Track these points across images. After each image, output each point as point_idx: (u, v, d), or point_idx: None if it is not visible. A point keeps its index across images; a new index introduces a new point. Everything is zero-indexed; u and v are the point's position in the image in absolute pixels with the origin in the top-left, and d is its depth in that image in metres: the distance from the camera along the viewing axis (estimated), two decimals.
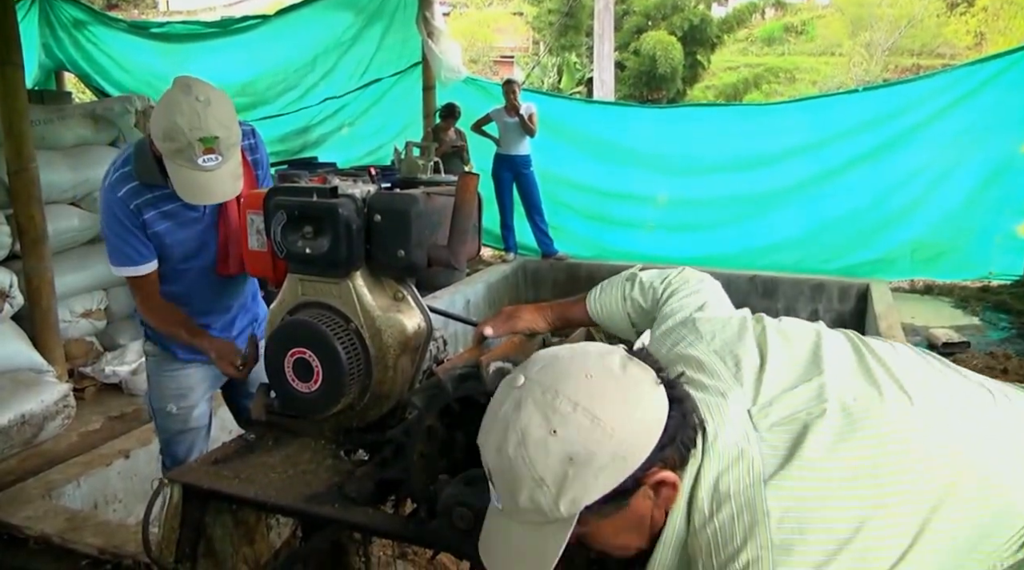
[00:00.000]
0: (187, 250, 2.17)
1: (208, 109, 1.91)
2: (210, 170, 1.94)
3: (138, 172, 2.07)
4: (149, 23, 9.31)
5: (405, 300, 1.67)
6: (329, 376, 1.55)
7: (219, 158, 1.94)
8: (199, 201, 2.01)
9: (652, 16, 17.87)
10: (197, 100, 1.91)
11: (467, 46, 17.65)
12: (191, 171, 1.93)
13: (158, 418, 2.40)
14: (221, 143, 1.93)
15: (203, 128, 1.90)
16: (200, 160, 1.92)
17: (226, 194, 2.01)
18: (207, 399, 2.42)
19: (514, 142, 6.91)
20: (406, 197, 1.56)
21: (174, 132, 1.90)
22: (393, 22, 7.21)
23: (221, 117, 1.94)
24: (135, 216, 2.08)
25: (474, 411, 1.45)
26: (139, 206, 2.08)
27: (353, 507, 1.46)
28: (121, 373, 4.12)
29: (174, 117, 1.90)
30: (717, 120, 7.27)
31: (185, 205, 2.10)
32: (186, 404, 2.36)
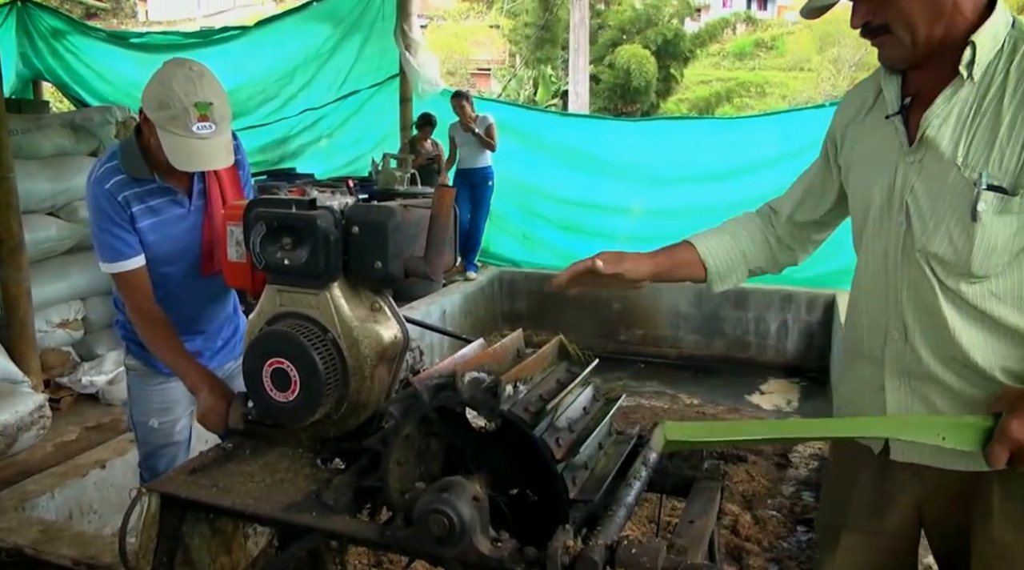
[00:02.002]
0: (171, 249, 2.15)
1: (202, 79, 1.98)
2: (204, 138, 1.96)
3: (125, 165, 2.07)
4: (128, 33, 9.26)
5: (382, 311, 1.70)
6: (307, 386, 1.58)
7: (213, 127, 1.97)
8: (192, 168, 2.01)
9: (627, 30, 18.07)
10: (191, 70, 1.98)
11: (444, 58, 17.69)
12: (185, 138, 1.95)
13: (139, 432, 2.39)
14: (215, 111, 1.97)
15: (198, 94, 1.95)
16: (195, 127, 1.95)
17: (220, 162, 2.03)
18: (189, 413, 2.40)
19: (471, 156, 6.85)
20: (384, 209, 1.59)
21: (169, 99, 1.94)
22: (371, 34, 7.23)
23: (215, 88, 2.00)
24: (123, 208, 2.06)
25: (451, 421, 1.49)
26: (127, 198, 2.07)
27: (330, 515, 1.47)
28: (98, 383, 4.10)
29: (169, 84, 1.95)
30: (690, 133, 7.34)
31: (171, 200, 2.12)
32: (169, 419, 2.35)
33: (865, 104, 1.52)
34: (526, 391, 1.46)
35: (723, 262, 1.65)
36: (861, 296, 1.52)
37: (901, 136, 1.39)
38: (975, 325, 1.35)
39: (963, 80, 1.29)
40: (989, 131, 1.27)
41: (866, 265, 1.49)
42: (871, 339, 1.49)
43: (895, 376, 1.45)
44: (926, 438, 1.33)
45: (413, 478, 1.50)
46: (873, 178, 1.44)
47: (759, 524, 3.54)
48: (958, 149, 1.30)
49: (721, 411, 5.26)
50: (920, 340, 1.40)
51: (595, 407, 1.61)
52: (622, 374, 6.21)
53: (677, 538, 1.41)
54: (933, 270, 1.36)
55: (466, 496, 1.29)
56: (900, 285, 1.41)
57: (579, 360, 1.67)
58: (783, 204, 1.69)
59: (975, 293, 1.33)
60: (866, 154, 1.49)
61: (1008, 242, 1.28)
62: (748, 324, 6.51)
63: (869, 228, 1.46)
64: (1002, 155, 1.26)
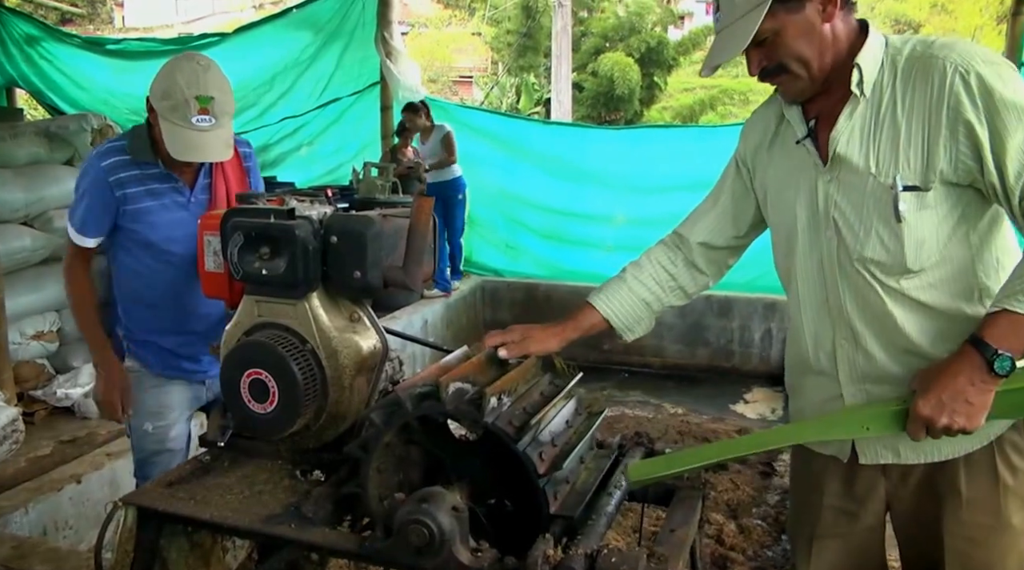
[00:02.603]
0: (168, 236, 2.21)
1: (207, 73, 2.06)
2: (203, 130, 2.04)
3: (131, 148, 2.16)
4: (105, 39, 9.18)
5: (361, 321, 1.69)
6: (285, 397, 1.56)
7: (213, 120, 2.05)
8: (189, 158, 2.09)
9: (610, 38, 18.15)
10: (198, 64, 2.07)
11: (426, 66, 17.71)
12: (184, 129, 2.04)
13: (134, 437, 2.38)
14: (216, 105, 2.05)
15: (200, 87, 2.03)
16: (194, 119, 2.03)
17: (216, 155, 2.11)
18: (185, 419, 2.39)
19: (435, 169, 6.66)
20: (362, 219, 1.59)
21: (172, 89, 2.03)
22: (352, 41, 7.21)
23: (219, 82, 2.08)
24: (109, 189, 2.15)
25: (432, 430, 1.48)
26: (121, 181, 2.15)
27: (309, 527, 1.46)
28: (73, 396, 4.04)
29: (174, 75, 2.04)
30: (674, 141, 7.39)
31: (172, 188, 2.20)
32: (162, 423, 2.34)
33: (769, 130, 1.62)
34: (510, 403, 1.45)
35: (626, 315, 1.74)
36: (802, 313, 1.58)
37: (814, 158, 1.49)
38: (920, 316, 1.43)
39: (858, 98, 1.43)
40: (891, 139, 1.39)
41: (803, 282, 1.56)
42: (819, 353, 1.56)
43: (851, 383, 1.52)
44: (853, 433, 1.45)
45: (392, 485, 1.49)
46: (794, 200, 1.53)
47: (744, 533, 3.55)
48: (868, 160, 1.42)
49: (705, 420, 5.27)
50: (872, 342, 1.48)
51: (578, 421, 1.60)
52: (606, 384, 6.20)
53: (658, 547, 1.40)
54: (872, 274, 1.44)
55: (446, 506, 1.29)
56: (842, 295, 1.49)
57: (563, 372, 1.67)
58: (694, 230, 1.75)
59: (915, 287, 1.42)
60: (782, 178, 1.58)
61: (934, 234, 1.39)
62: (732, 333, 6.53)
63: (799, 247, 1.54)
64: (908, 158, 1.38)
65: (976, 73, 1.32)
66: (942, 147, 1.35)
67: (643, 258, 1.79)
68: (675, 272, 1.76)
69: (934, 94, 1.35)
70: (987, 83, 1.31)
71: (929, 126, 1.36)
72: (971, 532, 1.49)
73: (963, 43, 1.38)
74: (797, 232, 1.54)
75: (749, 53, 1.44)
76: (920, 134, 1.37)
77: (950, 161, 1.35)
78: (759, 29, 1.37)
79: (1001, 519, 1.49)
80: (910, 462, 1.52)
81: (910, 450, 1.50)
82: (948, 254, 1.41)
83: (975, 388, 1.29)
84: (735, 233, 1.73)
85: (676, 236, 1.79)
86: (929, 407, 1.31)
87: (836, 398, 1.55)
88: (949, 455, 1.49)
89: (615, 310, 1.72)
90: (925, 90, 1.36)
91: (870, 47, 1.42)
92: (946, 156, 1.35)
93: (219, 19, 19.68)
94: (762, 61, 1.44)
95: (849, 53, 1.43)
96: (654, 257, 1.78)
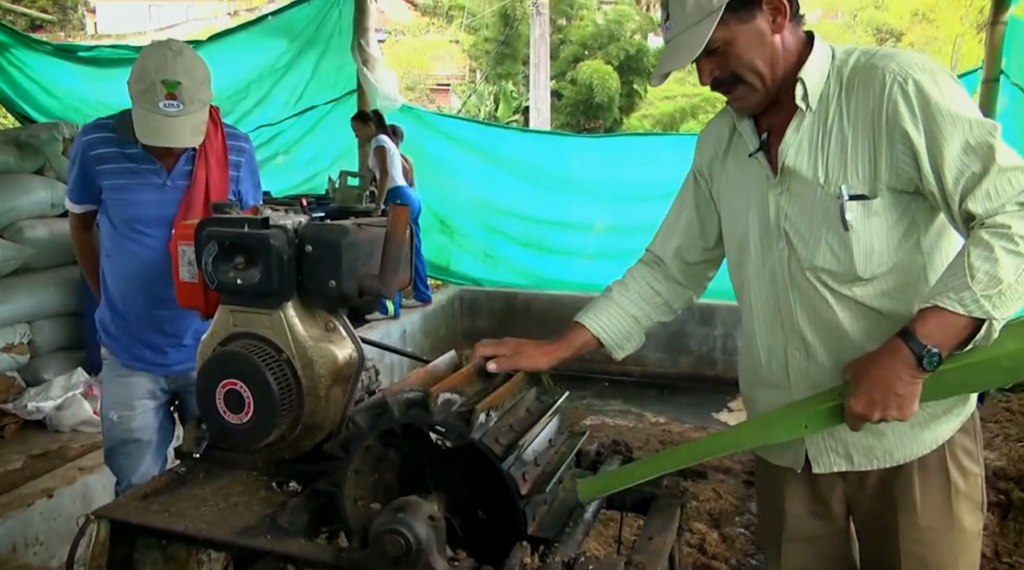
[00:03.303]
0: (142, 213, 2.25)
1: (178, 58, 2.08)
2: (169, 115, 2.06)
3: (116, 125, 2.21)
4: (76, 46, 9.07)
5: (337, 330, 1.68)
6: (261, 407, 1.55)
7: (180, 105, 2.06)
8: (154, 142, 2.11)
9: (588, 46, 18.22)
10: (170, 49, 2.10)
11: (403, 74, 17.70)
12: (151, 113, 2.06)
13: (104, 425, 2.40)
14: (183, 90, 2.06)
15: (167, 71, 2.05)
16: (161, 103, 2.05)
17: (182, 141, 2.12)
18: (152, 410, 2.39)
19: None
20: (337, 228, 1.58)
21: (142, 73, 2.07)
22: (328, 49, 7.19)
23: (189, 68, 2.09)
24: (88, 162, 2.23)
25: (414, 437, 1.47)
26: (100, 157, 2.22)
27: (285, 538, 1.45)
28: (45, 409, 3.98)
29: (145, 60, 2.09)
30: (654, 149, 7.43)
31: (149, 169, 2.23)
32: (126, 413, 2.35)
33: (723, 142, 1.64)
34: (496, 419, 1.45)
35: (617, 332, 1.74)
36: (755, 324, 1.60)
37: (766, 170, 1.51)
38: (872, 324, 1.46)
39: (804, 111, 1.45)
40: (839, 149, 1.42)
41: (756, 294, 1.58)
42: (772, 363, 1.58)
43: (802, 393, 1.53)
44: (792, 433, 1.46)
45: (368, 486, 1.48)
46: (746, 211, 1.56)
47: (726, 542, 3.55)
48: (817, 170, 1.44)
49: (688, 429, 5.24)
50: (823, 352, 1.50)
51: (560, 440, 1.60)
52: (586, 393, 6.18)
53: (636, 554, 1.40)
54: (824, 283, 1.46)
55: (422, 516, 1.28)
56: (793, 306, 1.51)
57: (549, 388, 1.67)
58: (666, 248, 1.77)
59: (868, 295, 1.45)
60: (735, 190, 1.60)
61: (883, 242, 1.42)
62: (714, 341, 6.55)
63: (752, 259, 1.56)
64: (856, 167, 1.40)
65: (913, 80, 1.35)
66: (884, 155, 1.38)
67: (627, 276, 1.79)
68: (659, 288, 1.76)
69: (874, 103, 1.38)
70: (924, 91, 1.34)
71: (872, 135, 1.39)
72: (926, 536, 1.52)
73: (905, 53, 1.42)
74: (749, 244, 1.56)
75: (701, 63, 1.45)
76: (865, 143, 1.40)
77: (891, 168, 1.38)
78: (711, 39, 1.39)
79: (954, 522, 1.52)
80: (863, 469, 1.54)
81: (863, 457, 1.53)
82: (900, 262, 1.43)
83: (904, 382, 1.31)
84: (704, 245, 1.74)
85: (651, 254, 1.80)
86: (862, 405, 1.33)
87: None
88: (901, 460, 1.51)
89: (605, 328, 1.72)
90: (867, 99, 1.39)
91: (814, 60, 1.45)
92: (887, 163, 1.38)
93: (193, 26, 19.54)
94: (714, 71, 1.46)
95: (798, 65, 1.45)
96: (637, 275, 1.79)
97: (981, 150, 1.31)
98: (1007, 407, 4.58)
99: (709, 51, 1.42)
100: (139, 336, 2.34)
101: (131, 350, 2.35)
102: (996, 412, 4.54)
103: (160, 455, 2.43)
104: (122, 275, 2.31)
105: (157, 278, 2.23)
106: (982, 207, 1.30)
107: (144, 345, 2.34)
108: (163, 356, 2.35)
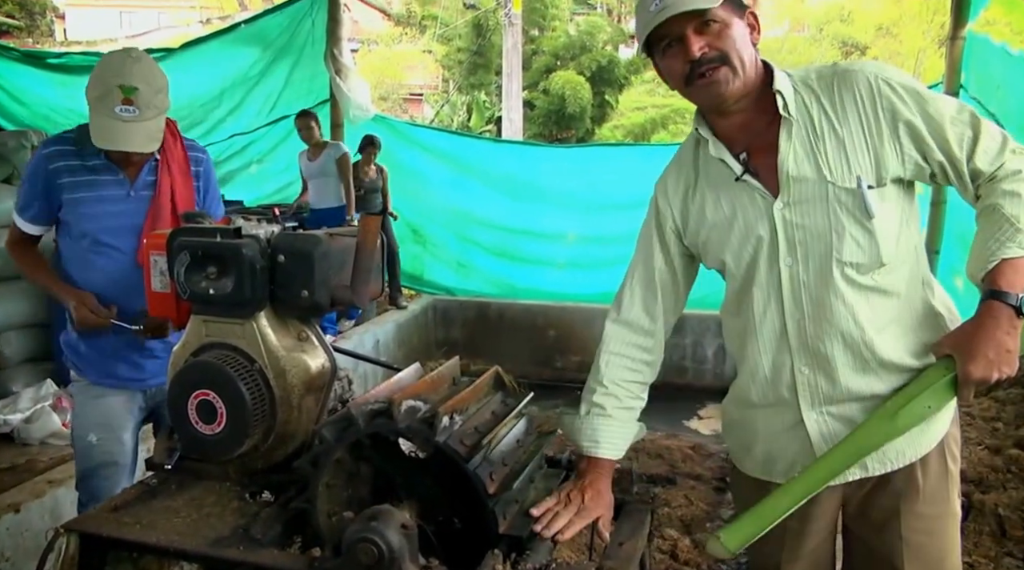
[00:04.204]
0: (106, 224, 2.22)
1: (136, 64, 2.08)
2: (125, 120, 2.06)
3: (77, 138, 2.19)
4: (46, 53, 8.97)
5: (309, 340, 1.69)
6: (233, 417, 1.55)
7: (136, 111, 2.06)
8: (108, 146, 2.11)
9: (561, 56, 18.33)
10: (129, 56, 2.10)
11: (376, 83, 17.67)
12: (106, 118, 2.06)
13: (78, 449, 2.33)
14: (140, 96, 2.06)
15: (124, 76, 2.05)
16: (117, 108, 2.05)
17: (137, 146, 2.11)
18: (131, 430, 2.35)
19: (322, 193, 6.11)
20: (309, 238, 1.59)
21: (99, 78, 2.07)
22: (301, 58, 7.17)
23: (147, 75, 2.10)
24: (47, 177, 2.19)
25: (383, 447, 1.48)
26: (60, 170, 2.19)
27: (258, 549, 1.45)
28: (13, 422, 3.92)
29: (103, 66, 2.08)
30: (625, 159, 7.47)
31: (113, 179, 2.21)
32: (109, 435, 2.29)
33: (689, 185, 1.65)
34: (461, 422, 1.46)
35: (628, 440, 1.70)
36: (759, 345, 1.60)
37: (759, 190, 1.53)
38: (888, 315, 1.51)
39: (790, 120, 1.49)
40: (837, 147, 1.48)
41: (761, 314, 1.58)
42: (778, 384, 1.59)
43: (811, 408, 1.56)
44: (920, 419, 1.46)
45: (341, 501, 1.49)
46: (747, 238, 1.55)
47: (698, 548, 3.57)
48: (822, 171, 1.48)
49: (659, 437, 5.28)
50: (837, 357, 1.52)
51: (528, 440, 1.62)
52: (559, 402, 6.17)
53: (607, 561, 1.42)
54: (848, 278, 1.49)
55: (395, 524, 1.29)
56: (804, 320, 1.53)
57: (514, 391, 1.69)
58: (648, 312, 1.70)
59: (887, 282, 1.50)
60: (723, 225, 1.59)
61: (896, 226, 1.49)
62: (685, 349, 6.60)
63: (758, 281, 1.56)
64: (859, 161, 1.46)
65: (893, 77, 1.48)
66: (888, 147, 1.46)
67: (613, 388, 1.69)
68: (647, 358, 1.71)
69: (864, 101, 1.47)
70: (906, 83, 1.47)
71: (870, 130, 1.47)
72: (927, 524, 1.58)
73: (864, 61, 1.54)
74: (757, 266, 1.56)
75: (692, 36, 1.45)
76: (862, 138, 1.47)
77: (899, 158, 1.46)
78: (713, 10, 1.43)
79: (950, 506, 1.61)
80: (877, 473, 1.57)
81: (877, 463, 1.55)
82: (905, 245, 1.52)
83: (1011, 336, 1.36)
84: (680, 300, 1.75)
85: (636, 327, 1.70)
86: (981, 368, 1.36)
87: (796, 425, 1.58)
88: (913, 458, 1.56)
89: (623, 447, 1.68)
90: (853, 99, 1.47)
91: (779, 76, 1.52)
92: (894, 155, 1.46)
93: (165, 34, 19.36)
94: (704, 48, 1.46)
95: (765, 83, 1.51)
96: (620, 381, 1.70)
97: (964, 118, 1.45)
98: (967, 412, 4.67)
99: (702, 27, 1.45)
100: (113, 352, 2.28)
101: (105, 368, 2.29)
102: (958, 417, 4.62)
103: (132, 477, 2.37)
104: (86, 285, 2.25)
105: (127, 290, 2.19)
106: (985, 161, 1.44)
107: (118, 360, 2.29)
108: (139, 371, 2.31)
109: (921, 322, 1.53)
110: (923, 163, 1.47)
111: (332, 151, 6.11)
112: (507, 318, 7.09)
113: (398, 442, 1.45)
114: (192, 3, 24.66)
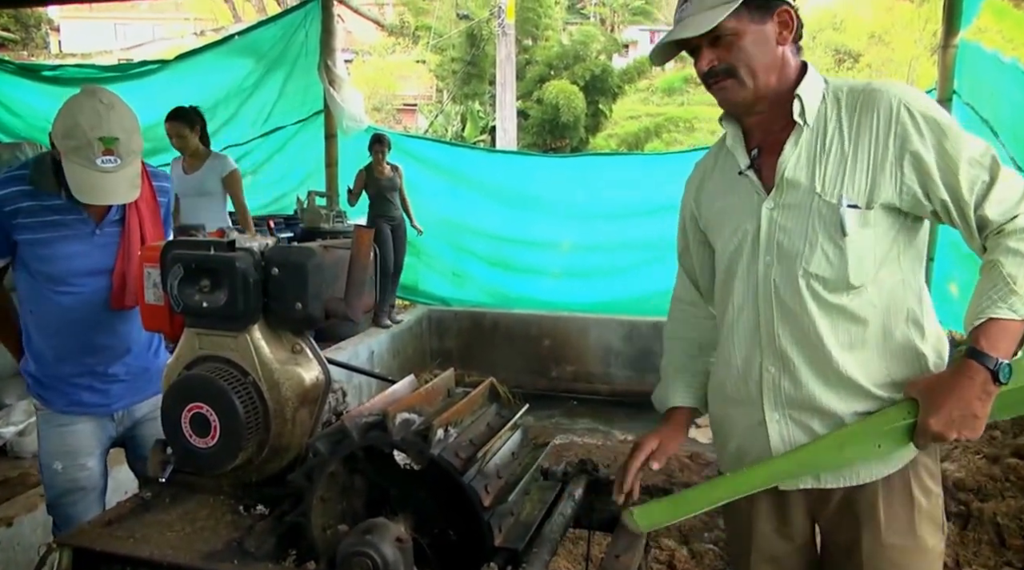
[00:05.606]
0: (71, 266, 2.14)
1: (111, 112, 2.00)
2: (108, 171, 1.99)
3: (32, 177, 2.10)
4: (40, 65, 8.99)
5: (303, 352, 1.69)
6: (227, 430, 1.54)
7: (118, 161, 1.99)
8: (94, 201, 2.04)
9: (554, 66, 18.40)
10: (101, 102, 2.00)
11: (370, 94, 17.72)
12: (88, 170, 1.98)
13: (44, 475, 2.29)
14: (121, 146, 1.99)
15: (103, 128, 1.97)
16: (99, 160, 1.97)
17: (122, 197, 2.06)
18: (98, 457, 2.31)
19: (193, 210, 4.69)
20: (303, 250, 1.59)
21: (74, 130, 1.96)
22: (295, 69, 7.19)
23: (123, 122, 2.02)
24: (3, 217, 2.08)
25: (377, 460, 1.47)
26: (17, 211, 2.09)
27: (252, 563, 1.44)
28: (5, 435, 3.90)
29: (76, 116, 1.97)
30: (619, 168, 7.50)
31: (77, 219, 2.13)
32: (72, 463, 2.25)
33: (707, 172, 1.72)
34: (456, 435, 1.46)
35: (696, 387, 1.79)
36: (734, 339, 1.63)
37: (756, 186, 1.56)
38: (851, 337, 1.50)
39: (802, 127, 1.51)
40: (838, 163, 1.49)
41: (739, 308, 1.61)
42: (747, 380, 1.60)
43: (774, 409, 1.57)
44: (867, 454, 1.48)
45: (336, 514, 1.49)
46: (736, 228, 1.60)
47: (695, 558, 3.56)
48: (815, 181, 1.49)
49: None
50: (798, 366, 1.53)
51: (524, 452, 1.62)
52: (554, 412, 6.19)
53: None
54: (814, 291, 1.50)
55: (389, 537, 1.28)
56: (774, 319, 1.55)
57: (509, 403, 1.68)
58: (699, 288, 1.81)
59: (853, 304, 1.49)
60: (722, 212, 1.65)
61: (871, 251, 1.48)
62: None
63: (739, 274, 1.60)
64: (854, 180, 1.47)
65: (918, 105, 1.45)
66: (888, 173, 1.45)
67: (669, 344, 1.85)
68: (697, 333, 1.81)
69: (880, 122, 1.46)
70: (929, 113, 1.44)
71: (876, 152, 1.46)
72: (889, 554, 1.54)
73: (899, 83, 1.52)
74: (739, 259, 1.59)
75: (702, 50, 1.50)
76: (866, 159, 1.46)
77: (895, 186, 1.45)
78: (721, 24, 1.45)
79: (917, 541, 1.55)
80: (829, 486, 1.56)
81: (830, 475, 1.55)
82: (883, 274, 1.49)
83: (981, 401, 1.36)
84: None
85: (687, 304, 1.84)
86: (941, 424, 1.37)
87: (758, 424, 1.58)
88: (867, 479, 1.54)
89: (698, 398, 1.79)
90: (871, 119, 1.47)
91: (810, 81, 1.52)
92: (891, 182, 1.45)
93: (160, 46, 19.40)
94: (712, 61, 1.50)
95: (791, 85, 1.52)
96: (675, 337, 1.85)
97: (985, 162, 1.42)
98: None
99: (714, 40, 1.48)
100: (75, 380, 2.24)
101: (68, 396, 2.24)
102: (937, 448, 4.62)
103: (103, 500, 2.34)
104: (51, 328, 2.20)
105: (86, 328, 2.17)
106: (997, 211, 1.40)
107: (81, 389, 2.25)
108: (104, 396, 2.27)
109: (896, 356, 1.51)
110: (923, 198, 1.45)
111: (215, 165, 4.74)
112: (502, 328, 7.09)
113: (393, 455, 1.45)
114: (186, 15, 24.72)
